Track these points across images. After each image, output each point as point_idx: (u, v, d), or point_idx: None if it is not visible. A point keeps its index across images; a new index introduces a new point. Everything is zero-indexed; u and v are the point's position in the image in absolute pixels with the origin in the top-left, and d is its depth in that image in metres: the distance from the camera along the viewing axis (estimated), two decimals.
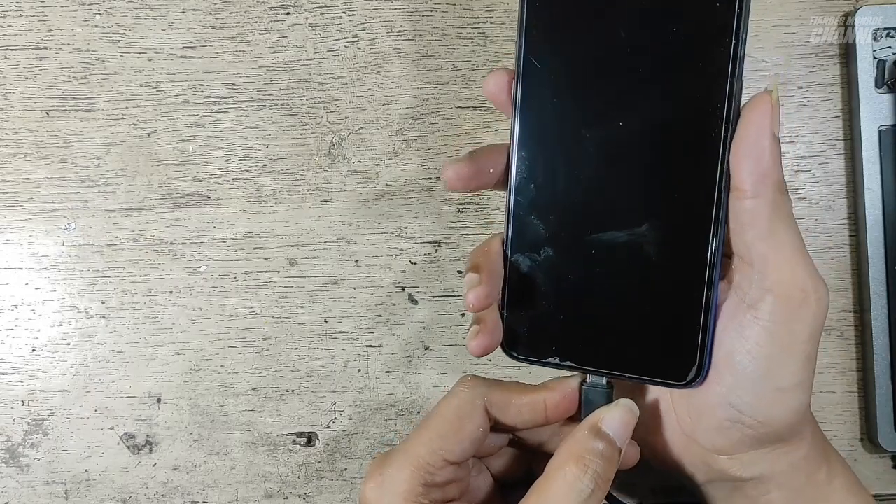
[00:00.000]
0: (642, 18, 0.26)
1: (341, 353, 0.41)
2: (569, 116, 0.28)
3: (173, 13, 0.41)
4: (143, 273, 0.41)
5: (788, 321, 0.26)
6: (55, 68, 0.41)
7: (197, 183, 0.41)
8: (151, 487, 0.41)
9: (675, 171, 0.27)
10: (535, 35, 0.27)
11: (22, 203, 0.41)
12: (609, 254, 0.28)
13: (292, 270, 0.41)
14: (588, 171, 0.28)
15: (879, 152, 0.39)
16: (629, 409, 0.28)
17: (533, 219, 0.29)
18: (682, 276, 0.27)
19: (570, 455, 0.27)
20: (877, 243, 0.39)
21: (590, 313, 0.29)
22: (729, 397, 0.27)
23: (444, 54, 0.41)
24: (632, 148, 0.27)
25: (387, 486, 0.28)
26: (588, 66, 0.27)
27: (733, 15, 0.25)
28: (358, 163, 0.41)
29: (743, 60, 0.26)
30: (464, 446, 0.29)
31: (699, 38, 0.26)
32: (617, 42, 0.27)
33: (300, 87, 0.41)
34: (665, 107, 0.26)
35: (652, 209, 0.27)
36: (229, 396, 0.41)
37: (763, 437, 0.28)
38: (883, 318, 0.39)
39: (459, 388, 0.30)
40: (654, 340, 0.28)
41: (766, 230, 0.26)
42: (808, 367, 0.27)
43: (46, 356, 0.41)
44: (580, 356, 0.29)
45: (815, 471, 0.30)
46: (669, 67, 0.26)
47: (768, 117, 0.25)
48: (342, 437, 0.41)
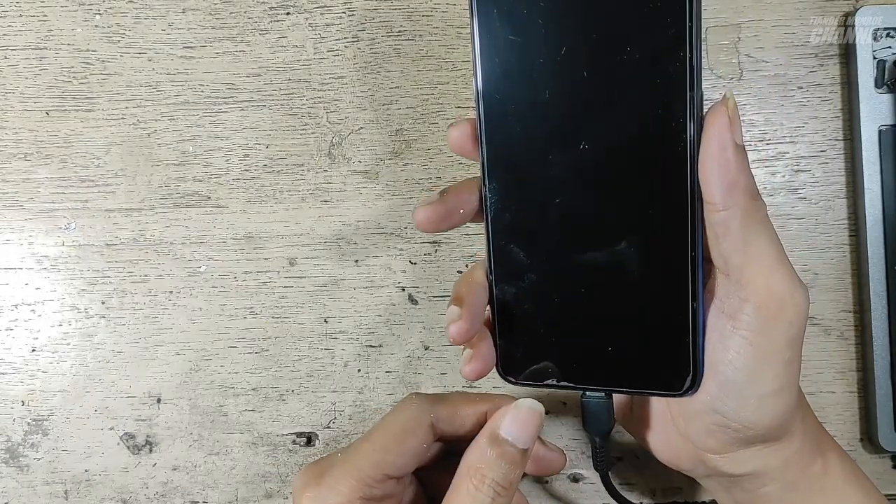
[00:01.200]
0: (594, 40, 0.26)
1: (341, 353, 0.41)
2: (535, 144, 0.28)
3: (173, 13, 0.41)
4: (143, 273, 0.41)
5: (767, 330, 0.26)
6: (55, 68, 0.41)
7: (197, 183, 0.41)
8: (151, 487, 0.41)
9: (645, 187, 0.27)
10: (492, 68, 0.27)
11: (22, 203, 0.41)
12: (593, 274, 0.28)
13: (292, 270, 0.41)
14: (561, 195, 0.28)
15: (879, 152, 0.39)
16: (528, 408, 0.29)
17: (513, 247, 0.29)
18: (668, 289, 0.27)
19: (469, 468, 0.28)
20: (877, 243, 0.39)
21: (582, 333, 0.29)
22: (714, 404, 0.28)
23: (444, 54, 0.41)
24: (600, 169, 0.27)
25: (325, 497, 0.29)
26: (547, 94, 0.27)
27: (684, 29, 0.25)
28: (358, 163, 0.41)
29: (700, 72, 0.25)
30: (406, 460, 0.29)
31: (653, 55, 0.25)
32: (572, 66, 0.26)
33: (300, 87, 0.41)
34: (628, 125, 0.26)
35: (628, 227, 0.27)
36: (229, 396, 0.41)
37: (751, 439, 0.29)
38: (883, 318, 0.39)
39: (405, 404, 0.31)
40: (648, 354, 0.28)
41: (739, 240, 0.26)
42: (790, 371, 0.27)
43: (46, 356, 0.41)
44: (577, 376, 0.30)
45: (809, 463, 0.30)
46: (627, 86, 0.26)
47: (727, 128, 0.25)
48: (342, 437, 0.41)
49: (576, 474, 0.41)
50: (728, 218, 0.26)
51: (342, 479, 0.29)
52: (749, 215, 0.26)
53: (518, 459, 0.28)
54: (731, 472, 0.30)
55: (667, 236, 0.27)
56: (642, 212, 0.27)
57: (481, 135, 0.28)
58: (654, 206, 0.27)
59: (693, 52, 0.25)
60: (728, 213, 0.26)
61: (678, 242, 0.27)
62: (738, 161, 0.25)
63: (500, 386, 0.32)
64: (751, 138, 0.40)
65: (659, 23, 0.25)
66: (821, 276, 0.40)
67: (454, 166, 0.41)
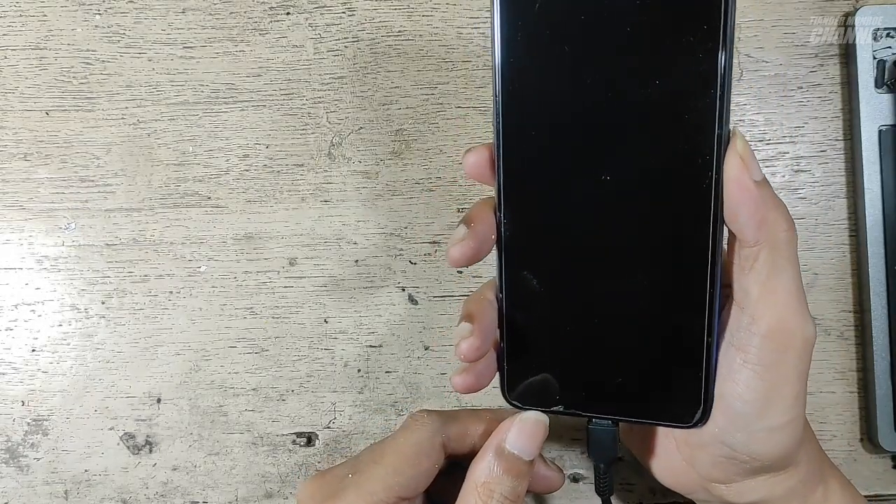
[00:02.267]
0: (622, 70, 0.26)
1: (341, 353, 0.41)
2: (554, 172, 0.27)
3: (173, 13, 0.41)
4: (143, 273, 0.41)
5: (777, 363, 0.26)
6: (55, 68, 0.41)
7: (197, 183, 0.41)
8: (151, 487, 0.41)
9: (666, 221, 0.27)
10: (513, 92, 0.27)
11: (22, 203, 0.41)
12: (607, 304, 0.28)
13: (292, 270, 0.41)
14: (579, 225, 0.27)
15: (879, 152, 0.39)
16: (532, 420, 0.29)
17: (526, 273, 0.28)
18: (683, 323, 0.27)
19: (476, 483, 0.28)
20: (877, 243, 0.39)
21: (592, 362, 0.29)
22: (722, 437, 0.28)
23: (444, 54, 0.41)
24: (621, 200, 0.27)
25: None
26: (570, 121, 0.27)
27: (716, 66, 0.24)
28: (358, 163, 0.41)
29: (729, 109, 0.25)
30: (419, 482, 0.29)
31: (683, 89, 0.25)
32: (598, 95, 0.26)
33: (300, 87, 0.41)
34: (652, 158, 0.26)
35: (647, 259, 0.27)
36: (229, 396, 0.41)
37: (757, 470, 0.29)
38: (883, 318, 0.39)
39: (416, 424, 0.30)
40: (659, 386, 0.28)
41: (763, 274, 0.26)
42: (798, 404, 0.27)
43: (46, 356, 0.41)
44: (585, 404, 0.29)
45: (811, 492, 0.30)
46: (653, 119, 0.26)
47: (743, 170, 0.25)
48: (342, 437, 0.41)
49: (576, 474, 0.41)
50: (757, 252, 0.26)
51: (354, 503, 0.28)
52: (777, 251, 0.26)
53: (525, 472, 0.28)
54: (733, 501, 0.30)
55: (685, 271, 0.27)
56: (662, 245, 0.27)
57: (499, 160, 0.27)
58: (675, 240, 0.26)
59: (724, 89, 0.25)
60: (757, 249, 0.26)
61: (697, 277, 0.26)
62: (762, 197, 0.25)
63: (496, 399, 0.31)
64: (751, 138, 0.40)
65: (690, 58, 0.25)
66: (821, 276, 0.40)
67: (454, 166, 0.41)
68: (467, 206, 0.41)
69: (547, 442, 0.34)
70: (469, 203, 0.41)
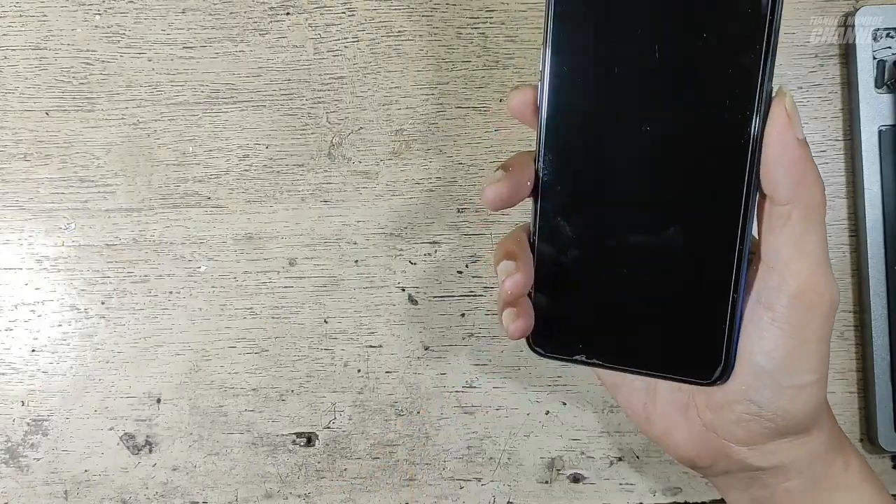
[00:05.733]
0: (669, 23, 0.26)
1: (341, 353, 0.41)
2: (596, 120, 0.28)
3: (173, 13, 0.41)
4: (142, 273, 0.41)
5: (805, 322, 0.27)
6: (55, 68, 0.41)
7: (197, 183, 0.41)
8: (151, 488, 0.41)
9: (702, 175, 0.27)
10: (562, 41, 0.27)
11: (22, 203, 0.41)
12: (637, 255, 0.28)
13: (292, 270, 0.41)
14: (615, 174, 0.28)
15: (879, 152, 0.39)
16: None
17: (560, 220, 0.29)
18: (710, 277, 0.27)
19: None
20: (877, 243, 0.39)
21: (617, 313, 0.29)
22: (748, 394, 0.28)
23: (444, 54, 0.41)
24: (660, 151, 0.27)
25: None
26: (615, 71, 0.27)
27: (763, 21, 0.25)
28: (358, 163, 0.41)
29: (773, 67, 0.25)
30: None
31: (728, 43, 0.25)
32: (644, 47, 0.26)
33: (300, 88, 0.41)
34: (693, 111, 0.26)
35: (680, 211, 0.27)
36: (229, 396, 0.41)
37: (783, 430, 0.29)
38: (883, 318, 0.39)
39: None
40: (682, 340, 0.28)
41: (797, 234, 0.26)
42: (824, 366, 0.28)
43: (46, 356, 0.41)
44: (606, 354, 0.29)
45: (832, 459, 0.30)
46: (697, 72, 0.26)
47: (788, 126, 0.25)
48: (342, 437, 0.41)
49: (576, 474, 0.41)
50: (791, 210, 0.26)
51: None
52: (811, 211, 0.26)
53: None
54: (757, 464, 0.30)
55: (717, 226, 0.27)
56: (696, 199, 0.27)
57: (542, 104, 0.28)
58: (709, 194, 0.27)
59: (769, 45, 0.25)
60: (790, 208, 0.26)
61: (728, 233, 0.27)
62: (803, 157, 0.26)
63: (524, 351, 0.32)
64: None
65: (737, 12, 0.25)
66: None
67: (454, 166, 0.41)
68: (467, 207, 0.41)
69: (547, 441, 0.34)
70: (469, 203, 0.41)
